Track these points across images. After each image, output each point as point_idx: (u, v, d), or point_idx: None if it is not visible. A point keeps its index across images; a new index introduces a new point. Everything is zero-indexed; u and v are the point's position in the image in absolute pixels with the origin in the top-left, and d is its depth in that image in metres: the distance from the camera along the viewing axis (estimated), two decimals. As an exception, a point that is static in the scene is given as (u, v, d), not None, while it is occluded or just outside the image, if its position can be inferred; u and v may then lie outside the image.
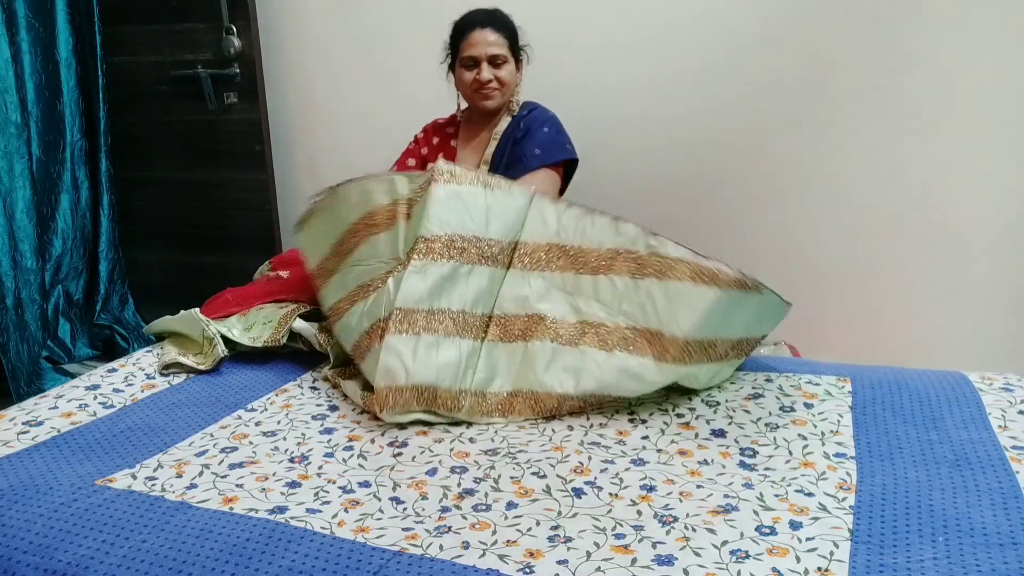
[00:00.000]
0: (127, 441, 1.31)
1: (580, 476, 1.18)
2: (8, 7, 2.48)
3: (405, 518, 1.08)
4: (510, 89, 2.06)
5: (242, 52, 2.61)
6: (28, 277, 2.58)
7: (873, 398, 1.40)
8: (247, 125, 2.69)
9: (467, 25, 2.03)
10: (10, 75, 2.48)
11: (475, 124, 2.15)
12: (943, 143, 2.16)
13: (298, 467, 1.22)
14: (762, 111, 2.29)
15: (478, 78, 2.01)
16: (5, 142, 2.48)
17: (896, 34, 2.14)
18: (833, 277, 2.34)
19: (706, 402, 1.41)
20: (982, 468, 1.16)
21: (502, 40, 2.02)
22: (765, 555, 0.98)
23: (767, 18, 2.23)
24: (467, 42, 2.02)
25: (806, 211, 2.33)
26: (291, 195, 2.83)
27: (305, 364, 1.61)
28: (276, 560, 0.98)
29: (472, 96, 2.06)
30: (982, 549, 0.98)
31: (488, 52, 2.00)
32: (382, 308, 1.43)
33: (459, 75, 2.05)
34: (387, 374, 1.36)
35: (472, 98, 2.07)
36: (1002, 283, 2.20)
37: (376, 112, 2.67)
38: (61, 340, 2.76)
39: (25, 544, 1.04)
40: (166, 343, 1.71)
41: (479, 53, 2.00)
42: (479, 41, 2.00)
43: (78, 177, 2.80)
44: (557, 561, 0.98)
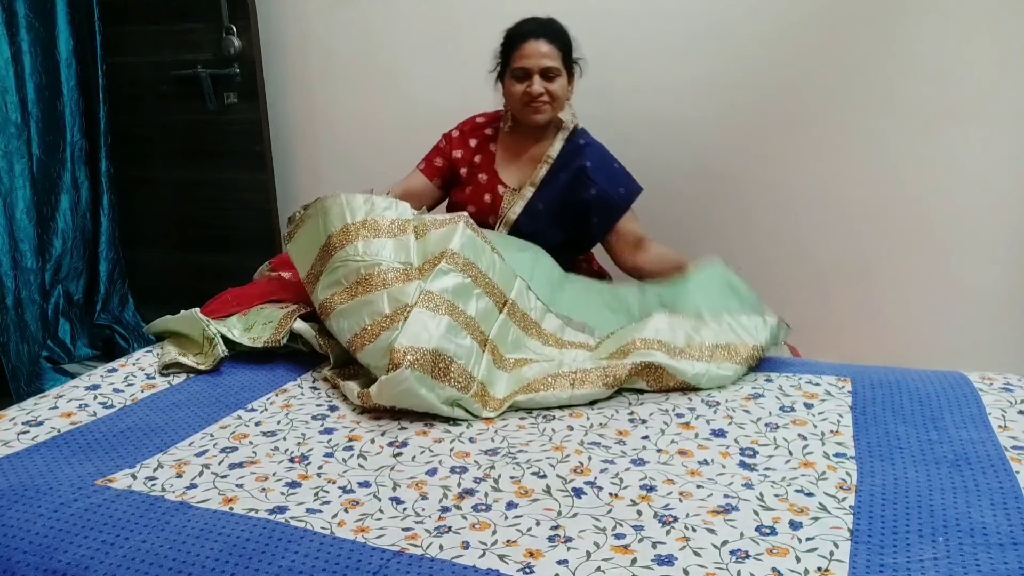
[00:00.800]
0: (127, 441, 1.31)
1: (580, 476, 1.18)
2: (8, 7, 2.48)
3: (405, 518, 1.08)
4: (561, 104, 2.00)
5: (242, 52, 2.61)
6: (28, 277, 2.58)
7: (873, 398, 1.40)
8: (247, 125, 2.69)
9: (521, 35, 1.96)
10: (10, 75, 2.48)
11: (519, 137, 2.07)
12: (944, 143, 2.16)
13: (298, 467, 1.22)
14: (762, 112, 2.29)
15: (529, 91, 1.94)
16: (5, 142, 2.48)
17: (897, 35, 2.14)
18: (833, 277, 2.34)
19: (706, 402, 1.41)
20: (982, 468, 1.16)
21: (556, 52, 1.95)
22: (765, 555, 0.98)
23: (767, 19, 2.23)
24: (520, 53, 1.95)
25: (806, 211, 2.33)
26: (291, 195, 2.83)
27: (305, 364, 1.61)
28: (276, 560, 0.98)
29: (522, 109, 1.98)
30: (982, 549, 0.98)
31: (541, 64, 1.94)
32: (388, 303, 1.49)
33: (508, 86, 1.98)
34: (412, 336, 1.42)
35: (521, 111, 1.99)
36: (1002, 283, 2.20)
37: (376, 112, 2.67)
38: (61, 340, 2.76)
39: (25, 544, 1.04)
40: (166, 343, 1.71)
41: (531, 65, 1.94)
42: (532, 53, 1.94)
43: (78, 177, 2.80)
44: (557, 561, 0.98)
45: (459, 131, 2.14)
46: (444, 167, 2.12)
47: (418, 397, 1.37)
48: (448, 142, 2.13)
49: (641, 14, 2.32)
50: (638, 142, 2.39)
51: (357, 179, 2.76)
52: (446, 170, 2.12)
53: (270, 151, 2.74)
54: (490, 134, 2.12)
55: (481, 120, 2.15)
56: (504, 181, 2.05)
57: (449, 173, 2.13)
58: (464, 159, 2.10)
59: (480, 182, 2.07)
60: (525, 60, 1.94)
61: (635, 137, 2.38)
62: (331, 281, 1.59)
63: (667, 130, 2.38)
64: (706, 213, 2.41)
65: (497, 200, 2.05)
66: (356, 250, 1.57)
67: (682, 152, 2.38)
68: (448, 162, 2.12)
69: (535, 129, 2.04)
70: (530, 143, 2.06)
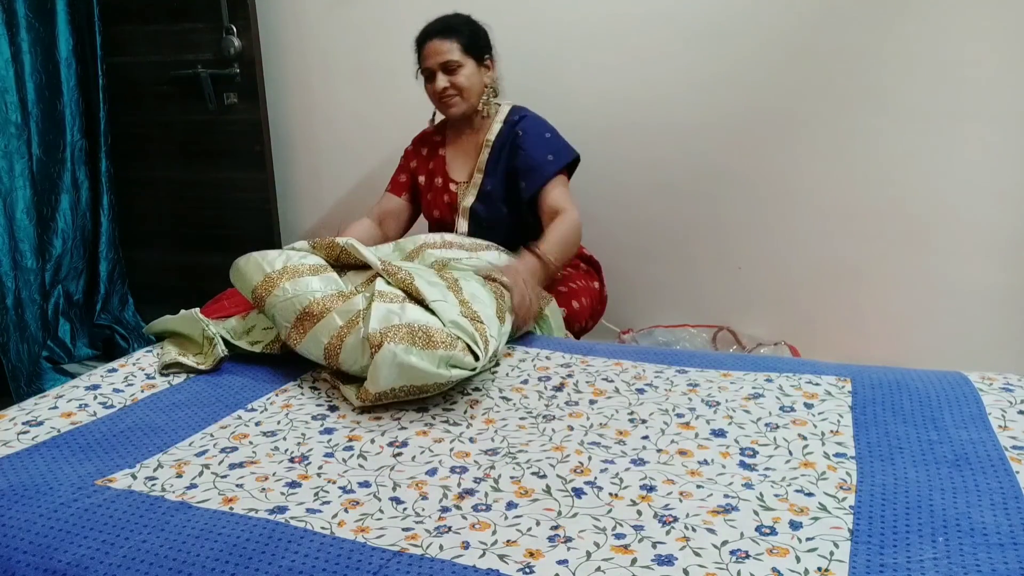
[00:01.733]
0: (127, 441, 1.31)
1: (580, 476, 1.18)
2: (8, 7, 2.48)
3: (405, 518, 1.08)
4: (473, 93, 2.07)
5: (242, 52, 2.62)
6: (28, 277, 2.58)
7: (873, 398, 1.40)
8: (247, 125, 2.69)
9: (422, 38, 2.07)
10: (10, 75, 2.48)
11: (458, 130, 2.17)
12: (944, 143, 2.17)
13: (298, 467, 1.22)
14: (762, 113, 2.29)
15: (434, 88, 2.05)
16: (5, 142, 2.48)
17: (895, 35, 2.14)
18: (833, 277, 2.35)
19: (706, 402, 1.41)
20: (982, 468, 1.16)
21: (454, 46, 2.03)
22: (765, 555, 0.98)
23: (765, 20, 2.23)
24: (423, 55, 2.06)
25: (806, 211, 2.33)
26: (291, 195, 2.83)
27: (305, 364, 1.61)
28: (276, 560, 0.98)
29: (438, 106, 2.10)
30: (982, 549, 0.98)
31: (439, 61, 2.03)
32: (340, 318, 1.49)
33: (426, 87, 2.09)
34: (382, 319, 1.41)
35: (439, 108, 2.11)
36: (1002, 283, 2.20)
37: (376, 112, 2.67)
38: (61, 340, 2.76)
39: (25, 544, 1.04)
40: (166, 343, 1.71)
41: (432, 64, 2.04)
42: (431, 52, 2.04)
43: (78, 177, 2.80)
44: (557, 561, 0.98)
45: (412, 144, 2.27)
46: (407, 181, 2.24)
47: (412, 367, 1.35)
48: (406, 156, 2.26)
49: (638, 17, 2.32)
50: (637, 143, 2.39)
51: (357, 179, 2.78)
52: (410, 184, 2.24)
53: (270, 151, 2.74)
54: (438, 140, 2.23)
55: (430, 130, 2.26)
56: (454, 178, 2.16)
57: (414, 186, 2.24)
58: (420, 168, 2.21)
59: (437, 186, 2.18)
60: (426, 60, 2.06)
61: (634, 138, 2.39)
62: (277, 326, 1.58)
63: (666, 131, 2.38)
64: (706, 213, 2.41)
65: (452, 197, 2.15)
66: (284, 291, 1.56)
67: (682, 153, 2.38)
68: (409, 175, 2.24)
69: (466, 121, 2.13)
70: (472, 135, 2.16)
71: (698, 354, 1.66)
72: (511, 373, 1.56)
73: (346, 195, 2.78)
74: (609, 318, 2.41)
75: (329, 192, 2.80)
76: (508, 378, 1.54)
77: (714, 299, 2.44)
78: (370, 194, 2.73)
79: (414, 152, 2.25)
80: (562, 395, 1.46)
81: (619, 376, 1.53)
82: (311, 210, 2.83)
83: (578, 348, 1.69)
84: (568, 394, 1.46)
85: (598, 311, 2.21)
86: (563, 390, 1.48)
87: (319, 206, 2.82)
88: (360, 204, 2.74)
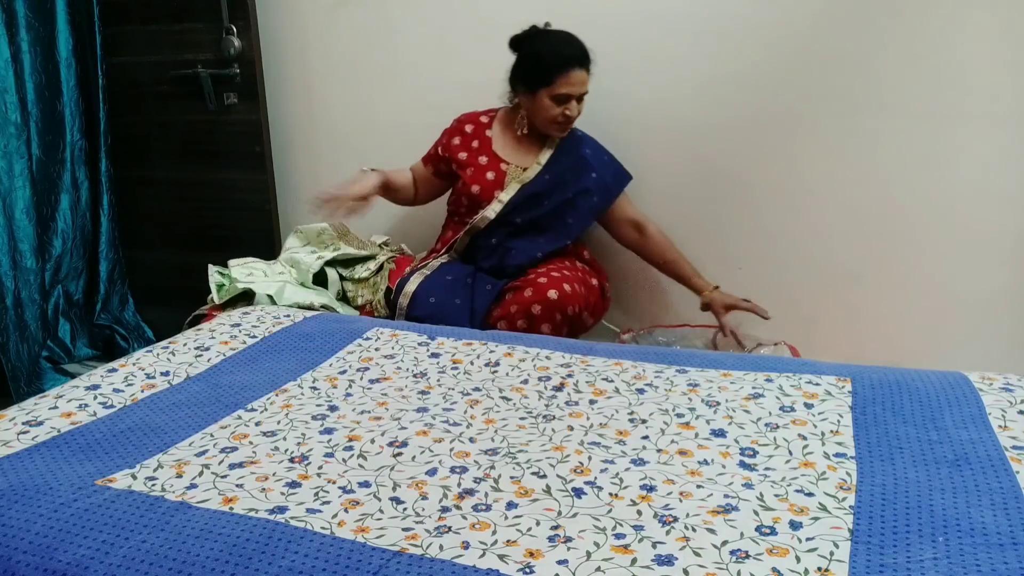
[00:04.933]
0: (127, 441, 1.31)
1: (580, 476, 1.18)
2: (8, 7, 2.48)
3: (405, 518, 1.08)
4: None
5: (242, 52, 2.62)
6: (28, 277, 2.58)
7: (873, 398, 1.40)
8: (247, 125, 2.69)
9: (567, 61, 2.09)
10: (10, 75, 2.48)
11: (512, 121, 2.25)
12: (945, 145, 2.17)
13: (298, 467, 1.22)
14: (762, 113, 2.30)
15: (567, 113, 2.12)
16: (5, 142, 2.48)
17: (895, 37, 2.14)
18: (833, 278, 2.35)
19: (706, 402, 1.41)
20: (982, 468, 1.16)
21: (588, 76, 2.12)
22: (765, 555, 0.98)
23: (767, 22, 2.23)
24: (565, 79, 2.08)
25: (807, 211, 2.33)
26: (291, 195, 2.83)
27: (305, 364, 1.61)
28: (276, 560, 0.98)
29: (549, 126, 2.16)
30: (982, 549, 0.98)
31: (581, 91, 2.11)
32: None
33: (545, 104, 2.12)
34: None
35: (548, 127, 2.17)
36: (1002, 283, 2.20)
37: (376, 112, 2.67)
38: (61, 340, 2.76)
39: (25, 544, 1.04)
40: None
41: (575, 92, 2.11)
42: (577, 81, 2.10)
43: (78, 177, 2.80)
44: (557, 561, 0.98)
45: (456, 122, 2.32)
46: (435, 155, 2.31)
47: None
48: (448, 132, 2.31)
49: (641, 18, 2.32)
50: (640, 143, 2.39)
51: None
52: (438, 158, 2.30)
53: (270, 151, 2.74)
54: (485, 122, 2.29)
55: (477, 112, 2.32)
56: (504, 159, 2.23)
57: (444, 163, 2.29)
58: (462, 145, 2.26)
59: (481, 164, 2.24)
60: (570, 87, 2.10)
61: (637, 139, 2.39)
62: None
63: (667, 132, 2.38)
64: (707, 214, 2.41)
65: (500, 175, 2.22)
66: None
67: (682, 154, 2.38)
68: (444, 151, 2.29)
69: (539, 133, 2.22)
70: (530, 139, 2.24)
71: (698, 354, 1.66)
72: (511, 373, 1.56)
73: (346, 195, 2.78)
74: (609, 318, 2.41)
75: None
76: (508, 378, 1.54)
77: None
78: (370, 194, 2.73)
79: (456, 130, 2.29)
80: (562, 395, 1.46)
81: (619, 376, 1.53)
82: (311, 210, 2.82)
83: (578, 348, 1.69)
84: (568, 394, 1.46)
85: (596, 307, 2.21)
86: (563, 390, 1.48)
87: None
88: (360, 204, 2.74)
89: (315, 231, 2.50)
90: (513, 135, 2.24)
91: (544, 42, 2.14)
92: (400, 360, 1.62)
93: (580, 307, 2.06)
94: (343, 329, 1.79)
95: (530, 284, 2.03)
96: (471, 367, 1.59)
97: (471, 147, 2.25)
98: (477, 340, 1.72)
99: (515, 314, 2.02)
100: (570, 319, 2.04)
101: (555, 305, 1.99)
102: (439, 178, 2.33)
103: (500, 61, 2.18)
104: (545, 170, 2.19)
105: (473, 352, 1.66)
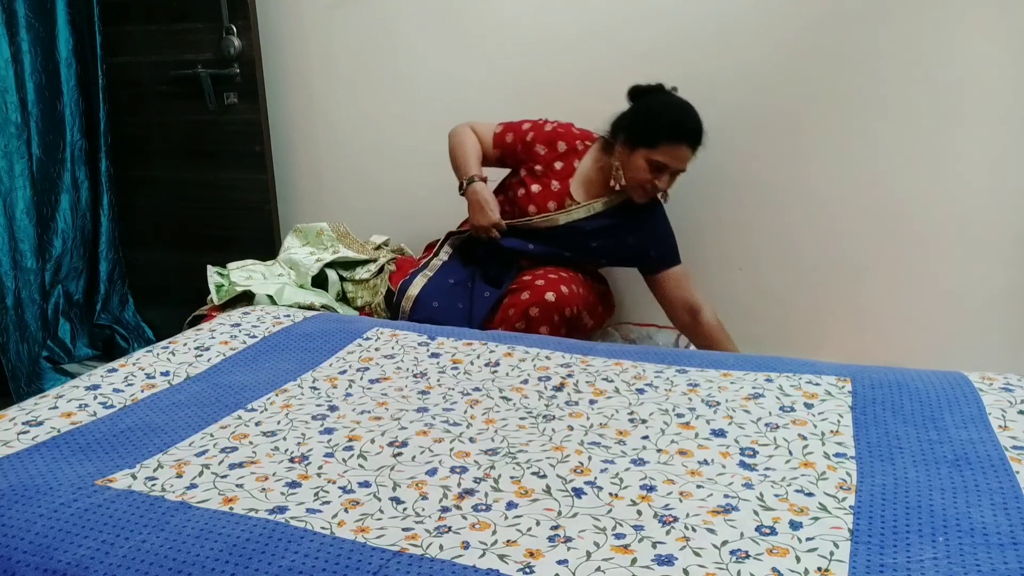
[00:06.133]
0: (127, 441, 1.31)
1: (580, 476, 1.18)
2: (8, 7, 2.48)
3: (405, 518, 1.08)
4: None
5: (242, 52, 2.62)
6: (28, 277, 2.58)
7: (873, 398, 1.40)
8: (247, 125, 2.69)
9: (680, 133, 2.00)
10: (10, 75, 2.48)
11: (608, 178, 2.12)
12: (945, 144, 2.17)
13: (298, 467, 1.22)
14: (762, 113, 2.30)
15: (656, 184, 2.03)
16: (5, 142, 2.48)
17: (895, 36, 2.14)
18: (833, 277, 2.35)
19: (706, 402, 1.41)
20: (982, 468, 1.16)
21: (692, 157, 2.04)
22: (765, 555, 0.98)
23: (764, 21, 2.23)
24: (671, 152, 2.00)
25: (807, 212, 2.33)
26: (291, 195, 2.83)
27: (305, 364, 1.61)
28: (276, 560, 0.98)
29: (636, 189, 2.06)
30: (982, 549, 0.98)
31: (680, 168, 2.03)
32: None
33: (637, 163, 2.03)
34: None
35: (634, 190, 2.07)
36: (1002, 283, 2.20)
37: (376, 112, 2.67)
38: (61, 340, 2.76)
39: (25, 544, 1.04)
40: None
41: (674, 167, 2.02)
42: (680, 156, 2.02)
43: (78, 177, 2.80)
44: (557, 561, 0.98)
45: (552, 129, 2.20)
46: (512, 147, 2.19)
47: None
48: (535, 132, 2.19)
49: (638, 16, 2.32)
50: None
51: (357, 179, 2.77)
52: (511, 150, 2.19)
53: (270, 151, 2.74)
54: (580, 150, 2.18)
55: (577, 132, 2.21)
56: (575, 198, 2.14)
57: (515, 158, 2.20)
58: (547, 158, 2.16)
59: (551, 188, 2.15)
60: (671, 160, 2.02)
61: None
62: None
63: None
64: (707, 214, 2.41)
65: (560, 206, 2.14)
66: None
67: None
68: (522, 148, 2.18)
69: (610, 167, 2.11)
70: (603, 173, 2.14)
71: (698, 354, 1.66)
72: (511, 373, 1.56)
73: (346, 195, 2.78)
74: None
75: (329, 192, 2.80)
76: (508, 378, 1.54)
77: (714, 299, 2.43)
78: (370, 194, 2.73)
79: (549, 138, 2.17)
80: (562, 395, 1.46)
81: (619, 376, 1.53)
82: (311, 210, 2.83)
83: (578, 348, 1.69)
84: (568, 394, 1.46)
85: (600, 311, 2.21)
86: (563, 390, 1.48)
87: (319, 206, 2.82)
88: (360, 204, 2.74)
89: (314, 231, 2.50)
90: (595, 176, 2.14)
91: (664, 104, 2.06)
92: (400, 360, 1.62)
93: (579, 308, 2.05)
94: (343, 329, 1.79)
95: (527, 287, 2.03)
96: (471, 367, 1.59)
97: (552, 167, 2.15)
98: (477, 340, 1.72)
99: (513, 317, 2.01)
100: (568, 321, 2.03)
101: (552, 307, 1.99)
102: (498, 163, 2.24)
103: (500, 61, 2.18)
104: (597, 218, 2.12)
105: (473, 352, 1.66)
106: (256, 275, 2.29)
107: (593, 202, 2.13)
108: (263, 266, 2.36)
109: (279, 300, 2.19)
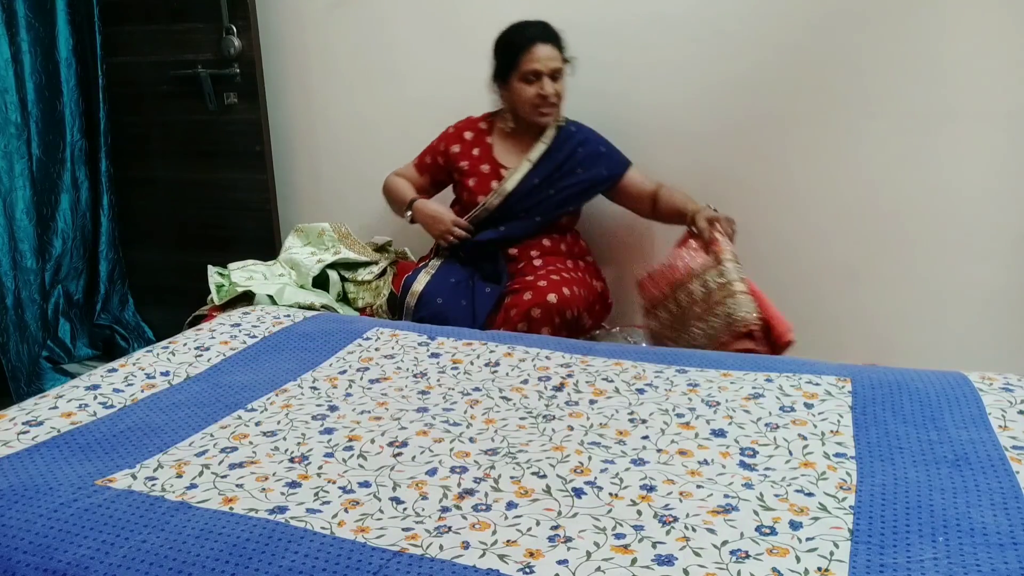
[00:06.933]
0: (127, 441, 1.31)
1: (580, 476, 1.18)
2: (8, 7, 2.48)
3: (405, 518, 1.08)
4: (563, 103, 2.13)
5: (242, 52, 2.62)
6: (28, 277, 2.58)
7: (873, 398, 1.40)
8: (247, 125, 2.69)
9: (528, 39, 2.05)
10: (10, 75, 2.48)
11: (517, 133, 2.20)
12: (943, 144, 2.17)
13: (298, 467, 1.22)
14: (760, 114, 2.30)
15: (541, 92, 2.06)
16: (5, 142, 2.48)
17: (891, 37, 2.14)
18: (832, 278, 2.35)
19: (706, 402, 1.41)
20: (982, 468, 1.16)
21: (557, 53, 2.07)
22: (765, 555, 0.98)
23: (762, 22, 2.23)
24: (530, 56, 2.05)
25: (805, 212, 2.33)
26: (291, 195, 2.83)
27: (305, 364, 1.61)
28: (276, 560, 0.98)
29: (531, 112, 2.10)
30: (982, 549, 0.98)
31: (551, 66, 2.05)
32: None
33: (518, 88, 2.08)
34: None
35: (531, 113, 2.11)
36: (1002, 283, 2.20)
37: (376, 112, 2.67)
38: (61, 340, 2.76)
39: (25, 544, 1.04)
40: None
41: (543, 67, 2.05)
42: (542, 56, 2.05)
43: (78, 177, 2.80)
44: (557, 561, 0.98)
45: (455, 128, 2.28)
46: (433, 164, 2.27)
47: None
48: (445, 139, 2.27)
49: (637, 20, 2.32)
50: (638, 145, 2.39)
51: (357, 179, 2.78)
52: (435, 167, 2.28)
53: (270, 151, 2.74)
54: (485, 128, 2.25)
55: (475, 118, 2.28)
56: (505, 165, 2.20)
57: (442, 171, 2.28)
58: (463, 153, 2.23)
59: (483, 172, 2.21)
60: (536, 63, 2.05)
61: (635, 140, 2.39)
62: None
63: (665, 134, 2.38)
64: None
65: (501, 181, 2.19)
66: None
67: (680, 155, 2.38)
68: (442, 159, 2.26)
69: (532, 126, 2.15)
70: (527, 138, 2.19)
71: (698, 354, 1.66)
72: (511, 373, 1.56)
73: (346, 195, 2.78)
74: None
75: (329, 192, 2.80)
76: (508, 378, 1.54)
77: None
78: (370, 194, 2.73)
79: (455, 136, 2.26)
80: (562, 395, 1.46)
81: (619, 376, 1.53)
82: (311, 210, 2.83)
83: (578, 348, 1.69)
84: (568, 394, 1.46)
85: (598, 311, 2.21)
86: (563, 390, 1.48)
87: (319, 206, 2.82)
88: (359, 204, 2.74)
89: (316, 231, 2.50)
90: (511, 138, 2.21)
91: (508, 30, 2.13)
92: (400, 360, 1.62)
93: (580, 309, 2.06)
94: (343, 329, 1.79)
95: (530, 287, 2.03)
96: (471, 367, 1.59)
97: (472, 155, 2.23)
98: (477, 340, 1.72)
99: (514, 317, 2.01)
100: (569, 323, 2.04)
101: (554, 309, 1.99)
102: (435, 188, 2.32)
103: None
104: (534, 170, 2.16)
105: (473, 352, 1.66)
106: (257, 275, 2.29)
107: (523, 157, 2.17)
108: (264, 266, 2.35)
109: (279, 300, 2.19)
